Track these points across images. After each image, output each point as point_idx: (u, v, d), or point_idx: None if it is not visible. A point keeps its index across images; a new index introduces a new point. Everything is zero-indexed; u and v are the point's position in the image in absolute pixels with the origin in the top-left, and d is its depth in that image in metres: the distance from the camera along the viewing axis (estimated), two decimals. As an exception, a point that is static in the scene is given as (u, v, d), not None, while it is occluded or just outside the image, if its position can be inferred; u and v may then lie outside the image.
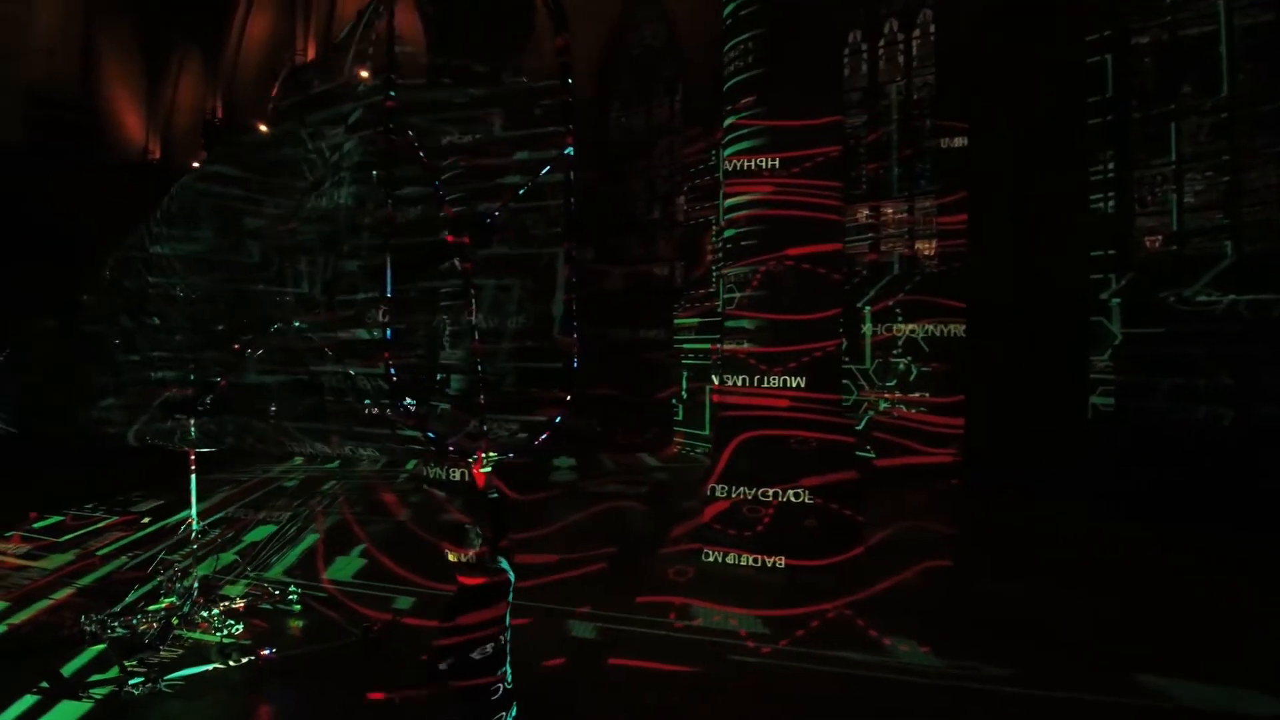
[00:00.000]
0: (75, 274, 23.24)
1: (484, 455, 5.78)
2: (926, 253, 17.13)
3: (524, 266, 8.24)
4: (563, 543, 13.17)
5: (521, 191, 7.10)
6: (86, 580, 10.79)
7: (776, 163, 11.53)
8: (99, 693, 7.53)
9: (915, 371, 17.08)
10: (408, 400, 5.62)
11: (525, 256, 7.90)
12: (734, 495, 11.65)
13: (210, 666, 8.05)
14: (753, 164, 11.70)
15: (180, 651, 8.48)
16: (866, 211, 18.17)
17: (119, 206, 27.74)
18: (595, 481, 18.54)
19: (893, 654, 8.42)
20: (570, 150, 6.96)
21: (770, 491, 11.41)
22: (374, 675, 7.99)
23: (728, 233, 12.19)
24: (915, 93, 17.12)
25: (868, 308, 17.90)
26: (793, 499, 11.32)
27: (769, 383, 11.67)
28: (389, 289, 5.49)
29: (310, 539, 13.30)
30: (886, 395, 17.44)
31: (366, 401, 5.91)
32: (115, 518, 14.45)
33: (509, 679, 5.07)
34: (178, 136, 28.99)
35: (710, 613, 9.78)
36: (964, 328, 16.35)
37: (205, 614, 9.03)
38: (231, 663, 8.07)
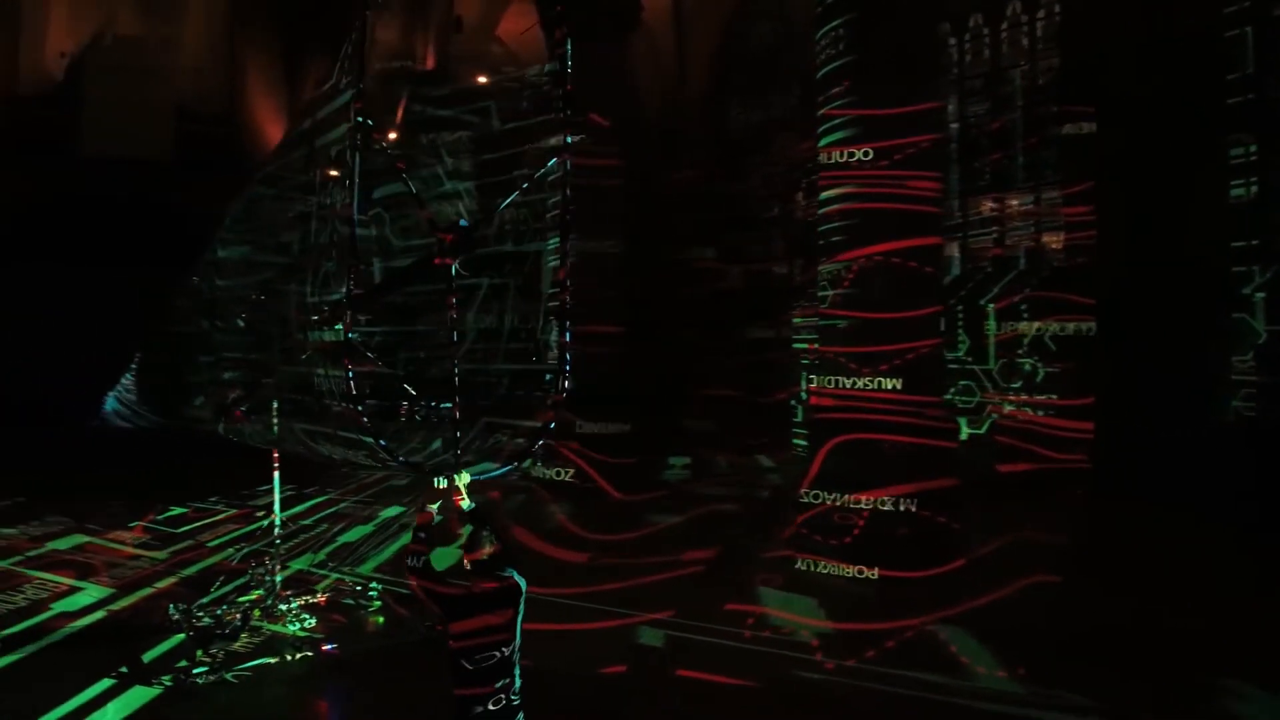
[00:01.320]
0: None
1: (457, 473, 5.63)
2: (1054, 246, 16.04)
3: (516, 264, 8.12)
4: (658, 545, 13.00)
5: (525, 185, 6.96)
6: (190, 570, 11.26)
7: (870, 153, 11.00)
8: (169, 679, 7.79)
9: (1042, 372, 16.04)
10: (362, 406, 5.53)
11: (517, 254, 7.79)
12: (826, 501, 11.20)
13: (272, 659, 8.23)
14: (845, 155, 11.20)
15: (256, 643, 8.71)
16: (990, 204, 17.19)
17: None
18: (706, 483, 18.25)
19: (970, 676, 7.85)
20: (570, 139, 6.77)
21: (863, 498, 10.91)
22: (428, 671, 8.01)
23: (823, 228, 11.72)
24: (1040, 77, 16.06)
25: (991, 305, 16.94)
26: (886, 506, 10.78)
27: (863, 384, 11.15)
28: (354, 288, 5.42)
29: (409, 535, 13.52)
30: (1011, 397, 16.45)
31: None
32: (234, 510, 15.10)
33: (517, 689, 4.88)
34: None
35: (789, 624, 9.40)
36: (1094, 325, 15.23)
37: (284, 607, 9.27)
38: (289, 657, 8.24)
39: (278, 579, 9.74)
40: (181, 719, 7.27)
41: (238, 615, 9.10)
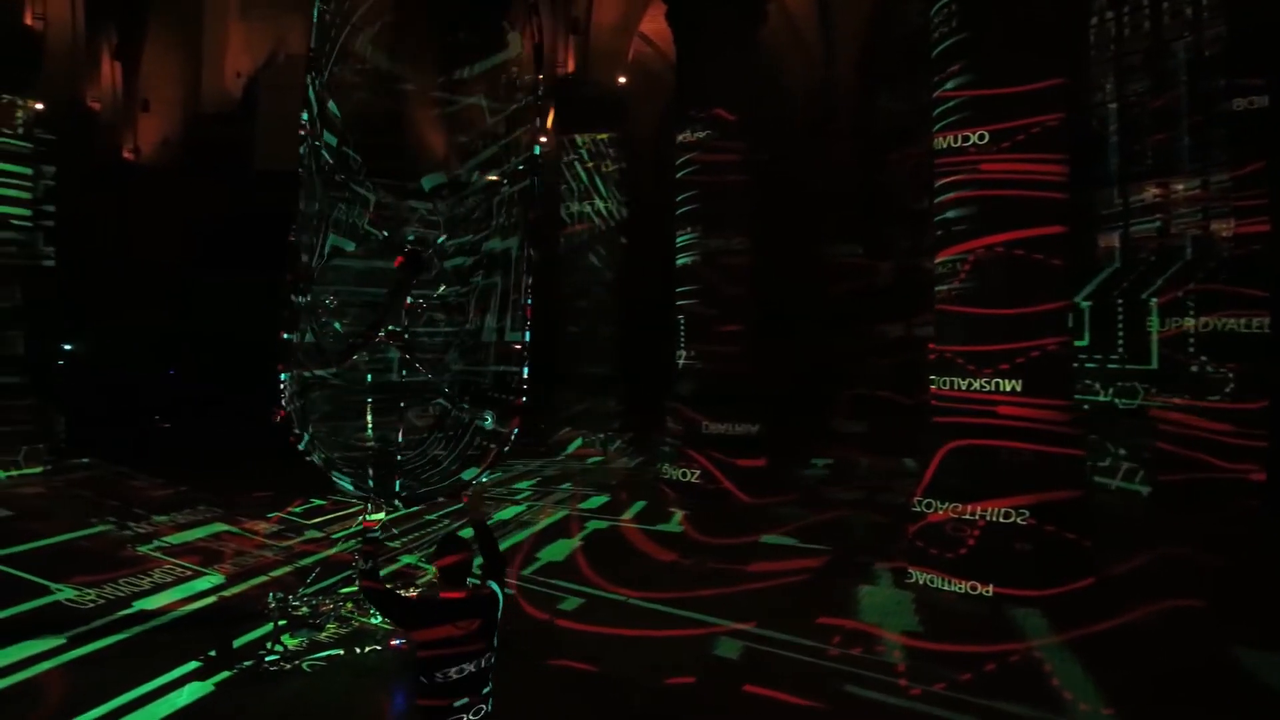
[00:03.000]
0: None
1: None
2: (1224, 234, 14.48)
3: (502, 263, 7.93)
4: (772, 550, 12.57)
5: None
6: (306, 561, 11.64)
7: (985, 136, 10.21)
8: (249, 665, 8.08)
9: (1210, 373, 14.53)
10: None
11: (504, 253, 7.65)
12: (939, 510, 10.47)
13: (340, 650, 8.42)
14: (958, 140, 10.45)
15: (343, 633, 8.92)
16: (1153, 189, 15.76)
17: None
18: (843, 486, 17.57)
19: (1066, 712, 7.08)
20: (539, 122, 6.57)
21: (977, 509, 10.13)
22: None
23: (938, 218, 10.98)
24: (1206, 48, 14.54)
25: (1154, 300, 15.55)
26: (1003, 518, 9.97)
27: (978, 385, 10.36)
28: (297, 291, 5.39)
29: (524, 533, 13.62)
30: (1175, 400, 14.99)
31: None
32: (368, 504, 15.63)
33: (490, 707, 4.69)
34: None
35: (880, 641, 8.79)
36: (1268, 321, 13.66)
37: (374, 600, 9.46)
38: (359, 649, 8.40)
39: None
40: (250, 703, 7.48)
41: (330, 605, 9.34)
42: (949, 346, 10.76)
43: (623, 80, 22.19)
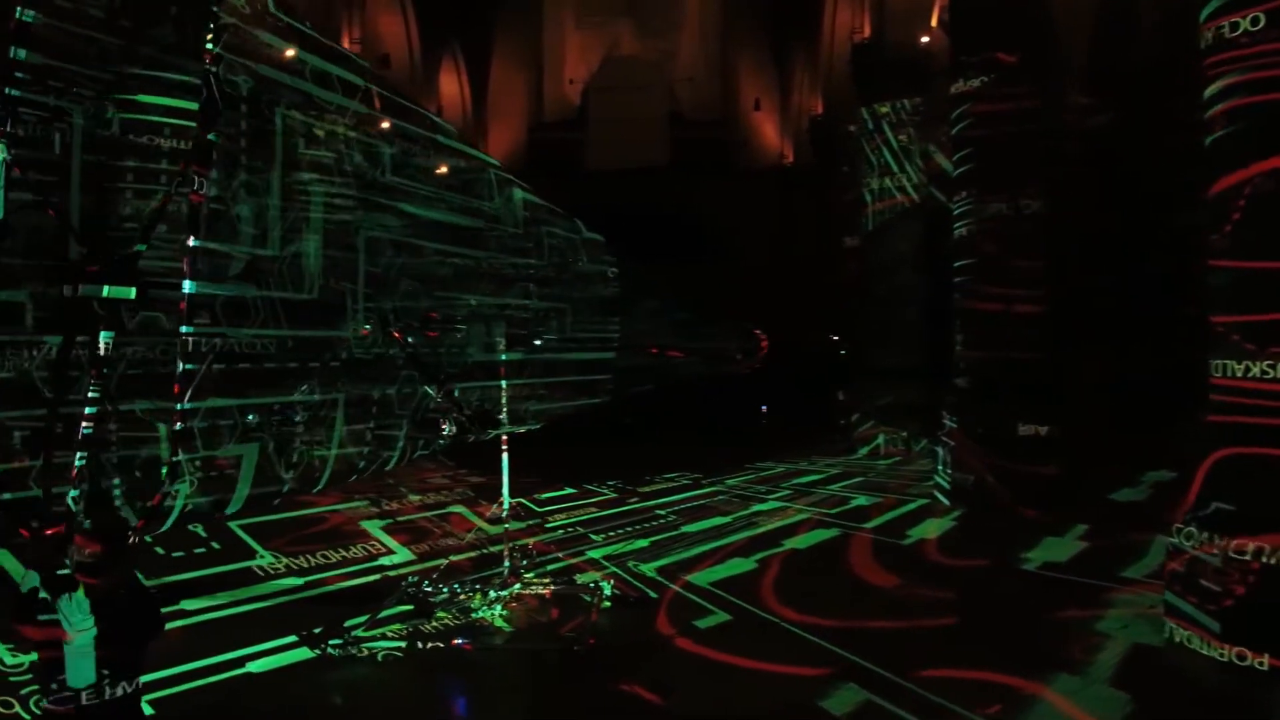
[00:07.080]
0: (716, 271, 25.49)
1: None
2: None
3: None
4: (1011, 581, 10.15)
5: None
6: (496, 549, 11.05)
7: (1259, 20, 7.23)
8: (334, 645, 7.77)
9: None
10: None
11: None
12: (1201, 544, 7.62)
13: (404, 644, 7.85)
14: (1226, 29, 7.52)
15: (456, 624, 8.44)
16: None
17: (757, 208, 29.60)
18: (1172, 503, 14.03)
19: None
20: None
21: (1252, 544, 7.20)
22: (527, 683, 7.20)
23: (1209, 139, 8.03)
24: None
25: None
26: (1288, 561, 6.99)
27: (1259, 370, 7.39)
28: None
29: (735, 537, 12.24)
30: None
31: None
32: (609, 495, 15.12)
33: None
34: (805, 139, 29.80)
35: (1055, 716, 6.42)
36: None
37: (493, 594, 8.85)
38: (420, 645, 7.83)
39: (505, 564, 9.53)
40: (307, 682, 7.20)
41: (460, 594, 8.90)
42: (1222, 316, 7.82)
43: (926, 39, 19.71)
